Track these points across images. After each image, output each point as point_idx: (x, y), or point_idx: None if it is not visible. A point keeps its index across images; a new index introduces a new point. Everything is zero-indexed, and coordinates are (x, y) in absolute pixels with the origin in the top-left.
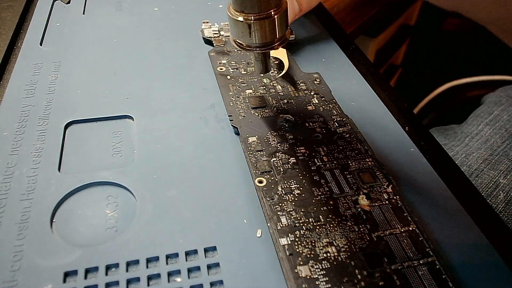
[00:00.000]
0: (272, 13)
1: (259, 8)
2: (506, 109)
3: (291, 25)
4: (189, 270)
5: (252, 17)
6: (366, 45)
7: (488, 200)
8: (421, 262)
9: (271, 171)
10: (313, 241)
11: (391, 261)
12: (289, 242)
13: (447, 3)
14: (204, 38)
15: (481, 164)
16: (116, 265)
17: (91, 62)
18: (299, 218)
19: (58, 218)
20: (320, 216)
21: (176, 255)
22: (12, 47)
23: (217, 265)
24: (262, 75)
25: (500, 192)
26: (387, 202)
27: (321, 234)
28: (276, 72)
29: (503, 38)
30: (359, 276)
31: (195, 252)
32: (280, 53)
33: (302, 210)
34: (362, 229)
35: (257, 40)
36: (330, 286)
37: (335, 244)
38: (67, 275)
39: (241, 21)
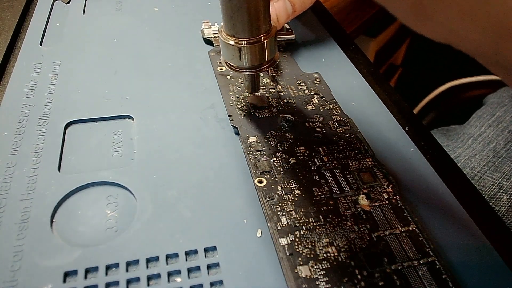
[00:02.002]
0: (262, 38)
1: (250, 33)
2: (509, 110)
3: (291, 25)
4: (189, 270)
5: (243, 41)
6: (366, 45)
7: (491, 203)
8: (421, 262)
9: (271, 171)
10: (313, 241)
11: (391, 261)
12: (289, 242)
13: (438, 36)
14: (204, 38)
15: (484, 166)
16: (116, 265)
17: (91, 62)
18: (299, 218)
19: (58, 218)
20: (320, 216)
21: (176, 255)
22: (12, 47)
23: (217, 265)
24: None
25: (503, 194)
26: (387, 202)
27: (321, 234)
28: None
29: (493, 70)
30: (359, 276)
31: (195, 252)
32: None
33: (302, 210)
34: (362, 229)
35: (247, 63)
36: (330, 286)
37: (335, 244)
38: (67, 275)
39: (232, 45)
